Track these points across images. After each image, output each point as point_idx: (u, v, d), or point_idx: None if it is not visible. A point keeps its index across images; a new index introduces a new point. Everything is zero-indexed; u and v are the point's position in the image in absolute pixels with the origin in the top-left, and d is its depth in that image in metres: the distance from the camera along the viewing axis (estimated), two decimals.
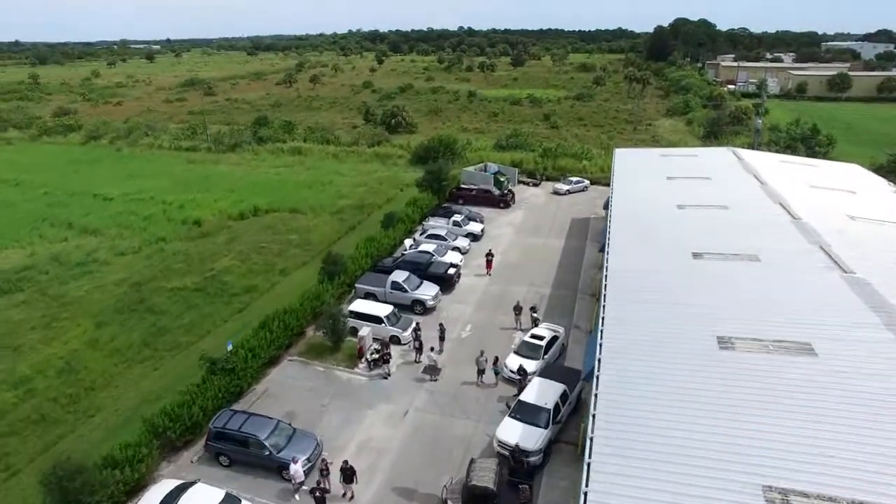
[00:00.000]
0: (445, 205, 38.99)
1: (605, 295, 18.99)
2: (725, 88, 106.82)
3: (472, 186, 40.84)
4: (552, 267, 30.14)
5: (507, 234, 34.93)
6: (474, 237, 33.62)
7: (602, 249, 25.69)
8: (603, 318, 17.74)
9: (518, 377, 20.06)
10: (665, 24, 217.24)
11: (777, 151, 42.76)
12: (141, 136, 64.70)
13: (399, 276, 25.98)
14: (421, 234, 32.71)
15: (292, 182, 45.52)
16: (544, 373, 19.44)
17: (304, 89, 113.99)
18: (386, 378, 21.23)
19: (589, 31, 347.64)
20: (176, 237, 34.19)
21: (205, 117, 72.14)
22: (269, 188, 43.88)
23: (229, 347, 21.14)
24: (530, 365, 20.58)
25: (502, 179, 41.52)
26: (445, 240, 31.50)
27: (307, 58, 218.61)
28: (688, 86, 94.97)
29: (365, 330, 22.47)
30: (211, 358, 19.90)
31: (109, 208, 40.47)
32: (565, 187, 42.25)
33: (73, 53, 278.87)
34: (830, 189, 29.44)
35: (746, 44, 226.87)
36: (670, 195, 27.95)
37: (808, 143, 42.50)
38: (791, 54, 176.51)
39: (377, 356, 21.63)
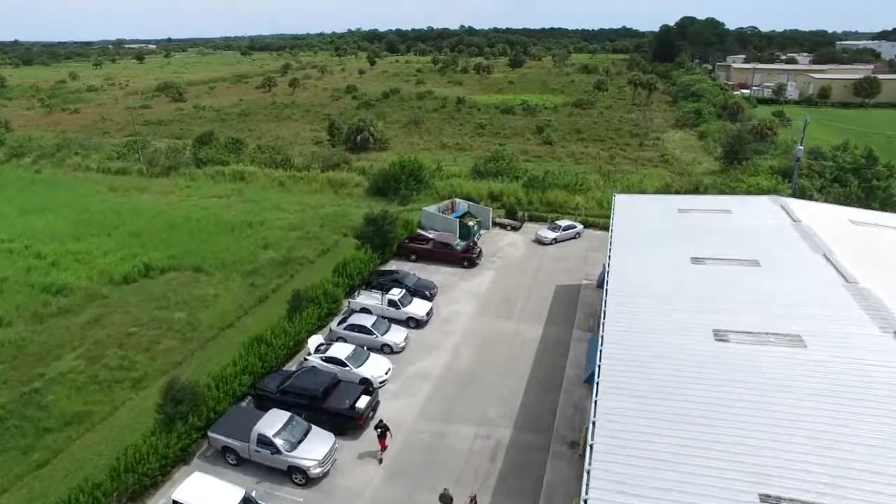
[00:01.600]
0: (388, 267, 30.03)
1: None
2: (738, 93, 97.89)
3: (430, 236, 31.76)
4: (520, 381, 21.17)
5: (464, 316, 25.91)
6: (417, 323, 24.56)
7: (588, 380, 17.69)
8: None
9: None
10: (671, 22, 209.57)
11: (823, 186, 34.04)
12: (70, 154, 56.34)
13: (271, 424, 16.79)
14: (339, 324, 23.42)
15: (217, 221, 36.78)
16: None
17: (283, 94, 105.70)
18: None
19: (592, 30, 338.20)
20: (20, 317, 25.27)
21: (142, 136, 63.33)
22: (185, 231, 35.09)
23: None
24: None
25: (471, 225, 33.00)
26: (372, 333, 22.56)
27: (299, 58, 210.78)
28: (699, 92, 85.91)
29: None
30: None
31: None
32: (551, 235, 33.19)
33: (62, 54, 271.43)
34: None
35: (756, 43, 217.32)
36: (700, 305, 17.90)
37: (863, 174, 33.59)
38: (806, 55, 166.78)
39: None
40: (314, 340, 21.80)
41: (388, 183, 40.60)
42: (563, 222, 34.26)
